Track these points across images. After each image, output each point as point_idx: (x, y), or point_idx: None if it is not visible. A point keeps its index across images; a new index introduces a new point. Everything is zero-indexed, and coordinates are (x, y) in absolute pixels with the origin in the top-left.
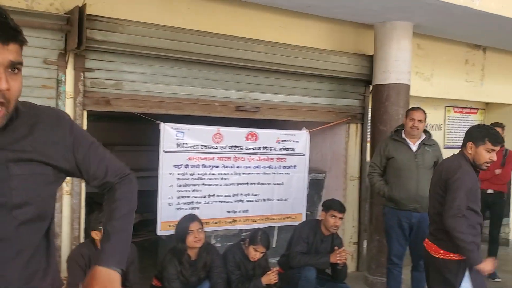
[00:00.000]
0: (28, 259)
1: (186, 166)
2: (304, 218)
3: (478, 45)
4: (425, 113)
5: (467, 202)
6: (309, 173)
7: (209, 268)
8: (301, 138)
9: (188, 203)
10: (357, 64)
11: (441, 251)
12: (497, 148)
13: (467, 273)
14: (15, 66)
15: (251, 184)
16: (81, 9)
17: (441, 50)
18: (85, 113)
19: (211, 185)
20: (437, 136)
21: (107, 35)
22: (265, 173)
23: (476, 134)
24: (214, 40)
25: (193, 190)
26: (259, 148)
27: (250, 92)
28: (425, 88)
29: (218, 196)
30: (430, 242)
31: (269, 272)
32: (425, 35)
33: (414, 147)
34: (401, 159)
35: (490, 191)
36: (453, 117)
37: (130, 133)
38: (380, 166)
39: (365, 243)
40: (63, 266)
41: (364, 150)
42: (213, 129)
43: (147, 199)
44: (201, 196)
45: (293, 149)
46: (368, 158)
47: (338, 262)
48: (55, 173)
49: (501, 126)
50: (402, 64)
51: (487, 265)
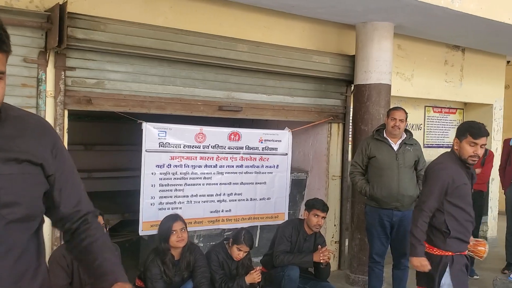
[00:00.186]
0: (18, 258)
1: (169, 165)
2: (286, 218)
3: (457, 46)
4: (406, 113)
5: (439, 198)
6: (291, 173)
7: (193, 268)
8: (283, 138)
9: (171, 203)
10: (339, 64)
11: (426, 245)
12: (480, 142)
13: (448, 269)
14: None
15: (234, 183)
16: (62, 7)
17: (421, 50)
18: (66, 112)
19: (194, 184)
20: (417, 135)
21: (88, 34)
22: (247, 173)
23: (459, 129)
24: (197, 39)
25: (176, 190)
26: (241, 148)
27: (233, 91)
28: (406, 88)
29: (200, 196)
30: None
31: (252, 271)
32: (405, 35)
33: (395, 147)
34: (383, 158)
35: None
36: (433, 117)
37: (111, 133)
38: (362, 165)
39: (346, 242)
40: None
41: (345, 150)
42: (195, 128)
43: (128, 199)
44: (184, 196)
45: (275, 149)
46: (349, 158)
47: (321, 261)
48: (44, 174)
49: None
50: (383, 64)
51: (416, 261)
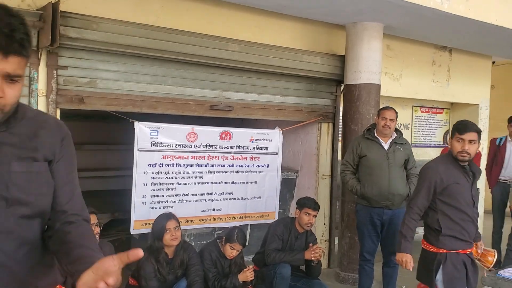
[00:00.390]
0: (31, 253)
1: (161, 165)
2: (277, 216)
3: (444, 47)
4: (396, 113)
5: (428, 196)
6: (281, 172)
7: (186, 266)
8: (274, 137)
9: (162, 202)
10: (329, 64)
11: (424, 242)
12: (466, 137)
13: (441, 266)
14: (13, 78)
15: (225, 182)
16: (54, 6)
17: (410, 51)
18: (58, 112)
19: (186, 184)
20: (404, 135)
21: (81, 33)
22: (238, 172)
23: (452, 129)
24: (188, 39)
25: (167, 189)
26: (233, 147)
27: (224, 91)
28: (395, 88)
29: (192, 194)
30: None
31: (245, 269)
32: (394, 36)
33: (386, 146)
34: (373, 157)
35: None
36: (420, 116)
37: (100, 132)
38: (353, 164)
39: (336, 240)
40: None
41: (335, 149)
42: (187, 128)
43: (118, 199)
44: (175, 195)
45: (266, 148)
46: (339, 157)
47: (313, 258)
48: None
49: None
50: (373, 64)
51: (399, 256)
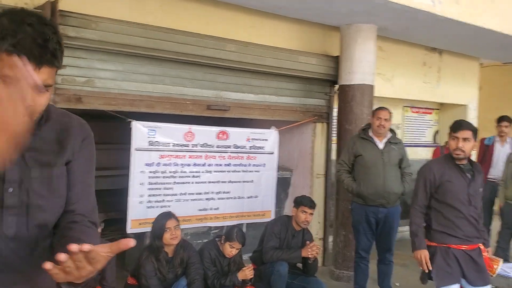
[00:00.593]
0: (43, 253)
1: (158, 164)
2: (273, 215)
3: (434, 48)
4: (391, 113)
5: (426, 194)
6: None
7: (186, 264)
8: (270, 137)
9: (159, 201)
10: (324, 65)
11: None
12: (459, 135)
13: (433, 258)
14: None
15: (222, 182)
16: (53, 4)
17: (401, 52)
18: None
19: (183, 183)
20: None
21: (79, 32)
22: (235, 171)
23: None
24: (186, 39)
25: (165, 188)
26: (229, 147)
27: (221, 91)
28: (386, 88)
29: (189, 194)
30: None
31: (245, 268)
32: (386, 37)
33: (380, 145)
34: (369, 156)
35: None
36: (411, 116)
37: (95, 132)
38: (349, 164)
39: (330, 238)
40: None
41: (329, 149)
42: (184, 127)
43: (112, 198)
44: (173, 194)
45: (262, 148)
46: (333, 156)
47: (310, 256)
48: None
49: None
50: (367, 65)
51: (416, 254)
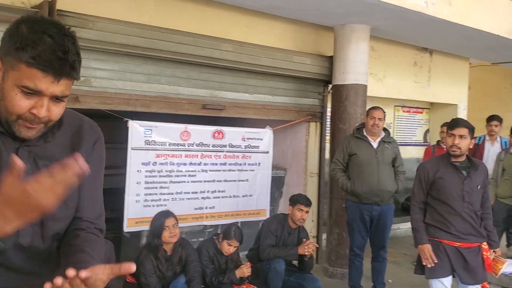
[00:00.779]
0: (56, 258)
1: (154, 163)
2: (268, 214)
3: (425, 48)
4: (384, 112)
5: (422, 191)
6: None
7: (185, 262)
8: (265, 136)
9: (156, 200)
10: (318, 65)
11: None
12: (455, 132)
13: None
14: (59, 98)
15: (218, 181)
16: (50, 4)
17: (393, 52)
18: None
19: (179, 182)
20: None
21: (76, 31)
22: (231, 170)
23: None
24: (181, 38)
25: (161, 187)
26: (225, 146)
27: (216, 90)
28: (378, 88)
29: (185, 193)
30: None
31: (243, 265)
32: (378, 37)
33: (374, 144)
34: (363, 155)
35: None
36: (402, 116)
37: None
38: (343, 162)
39: (324, 237)
40: None
41: (323, 148)
42: (180, 126)
43: (107, 197)
44: (169, 193)
45: (257, 147)
46: (327, 155)
47: (306, 253)
48: None
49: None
50: (360, 65)
51: (419, 249)
